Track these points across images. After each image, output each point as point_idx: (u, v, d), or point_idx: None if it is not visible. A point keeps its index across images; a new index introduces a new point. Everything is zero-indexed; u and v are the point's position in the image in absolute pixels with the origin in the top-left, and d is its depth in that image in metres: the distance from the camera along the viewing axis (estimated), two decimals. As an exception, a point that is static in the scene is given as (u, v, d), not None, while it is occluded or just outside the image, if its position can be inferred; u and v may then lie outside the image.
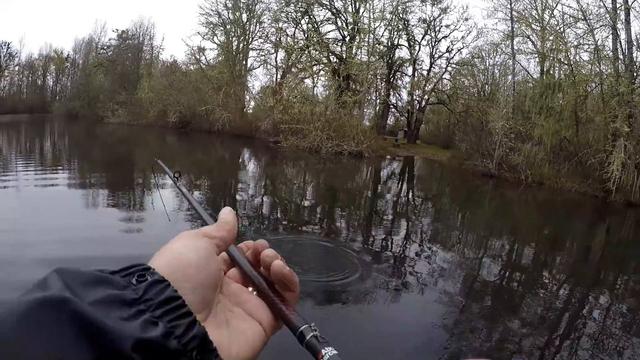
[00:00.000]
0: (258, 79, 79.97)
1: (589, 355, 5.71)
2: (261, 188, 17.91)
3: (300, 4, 45.20)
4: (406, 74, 51.61)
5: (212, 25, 46.04)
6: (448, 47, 48.63)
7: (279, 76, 46.47)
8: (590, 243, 15.04)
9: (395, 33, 48.40)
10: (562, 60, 32.30)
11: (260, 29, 46.69)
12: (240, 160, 27.51)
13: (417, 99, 50.40)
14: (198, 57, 47.28)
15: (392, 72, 49.65)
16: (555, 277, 9.96)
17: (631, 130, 25.36)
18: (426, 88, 49.66)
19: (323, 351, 0.55)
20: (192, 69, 48.46)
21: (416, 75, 50.64)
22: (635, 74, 27.31)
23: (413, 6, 47.43)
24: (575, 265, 11.42)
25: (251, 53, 47.38)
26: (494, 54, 41.94)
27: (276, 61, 47.20)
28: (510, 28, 34.70)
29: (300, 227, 11.59)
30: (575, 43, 31.53)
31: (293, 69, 44.77)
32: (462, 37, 55.62)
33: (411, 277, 8.18)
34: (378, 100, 50.59)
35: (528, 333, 6.24)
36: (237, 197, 15.24)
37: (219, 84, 42.52)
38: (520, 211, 20.55)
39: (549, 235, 15.14)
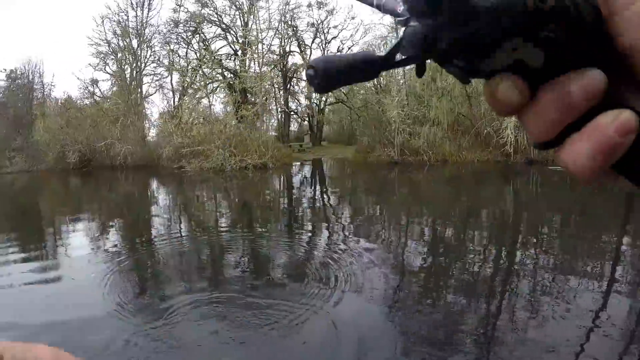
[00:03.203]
0: (155, 105, 77.16)
1: (525, 315, 5.47)
2: (174, 217, 16.38)
3: (189, 23, 44.10)
4: (302, 79, 50.75)
5: (102, 55, 43.78)
6: (338, 46, 48.88)
7: (176, 99, 44.64)
8: (504, 204, 15.55)
9: (286, 40, 48.04)
10: (446, 41, 32.78)
11: (152, 54, 44.75)
12: (146, 192, 25.65)
13: (315, 101, 50.60)
14: (92, 90, 45.16)
15: (288, 79, 49.03)
16: (480, 243, 9.71)
17: (518, 92, 25.98)
18: (323, 90, 49.27)
19: None
20: (88, 103, 45.52)
21: (311, 78, 50.01)
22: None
23: (300, 12, 47.70)
24: (494, 228, 11.47)
25: (145, 79, 45.31)
26: (384, 47, 42.08)
27: (172, 84, 45.25)
28: (393, 20, 34.64)
29: (222, 248, 10.38)
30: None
31: (189, 90, 43.12)
32: (351, 36, 55.82)
33: (343, 274, 7.40)
34: (278, 109, 49.70)
35: (467, 302, 6.08)
36: (153, 232, 13.70)
37: (115, 116, 40.20)
38: (430, 190, 20.34)
39: (464, 206, 15.16)
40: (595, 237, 9.65)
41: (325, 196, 19.62)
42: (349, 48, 48.30)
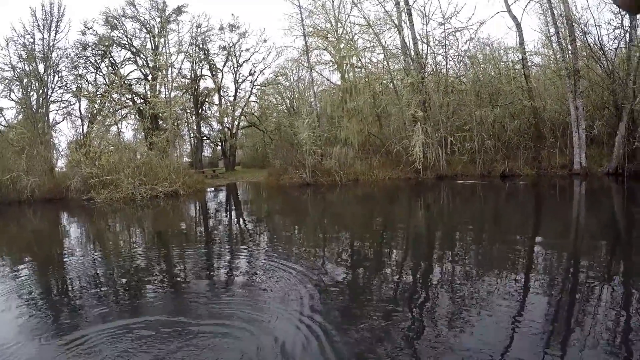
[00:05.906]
0: (64, 134, 72.44)
1: (448, 323, 5.48)
2: (87, 250, 15.21)
3: (98, 46, 42.46)
4: (213, 104, 50.42)
5: (7, 81, 39.92)
6: (250, 70, 48.56)
7: (85, 127, 42.09)
8: (417, 218, 15.83)
9: (197, 64, 47.14)
10: (354, 64, 33.42)
11: (59, 79, 41.74)
12: (57, 227, 23.80)
13: (228, 126, 49.76)
14: (-4, 118, 41.21)
15: (200, 103, 48.02)
16: (398, 256, 9.77)
17: (426, 113, 27.52)
18: (235, 114, 49.27)
19: None
20: (-9, 132, 41.61)
21: (223, 102, 49.86)
22: (423, 65, 29.17)
23: (212, 35, 46.98)
24: (410, 241, 11.58)
25: (52, 106, 41.84)
26: (296, 70, 42.40)
27: (80, 111, 42.75)
28: (304, 43, 35.17)
29: (140, 287, 8.90)
30: (365, 47, 33.74)
31: (99, 117, 41.05)
32: (263, 59, 55.90)
33: (269, 293, 7.12)
34: (191, 134, 48.52)
35: (390, 313, 5.98)
36: (66, 264, 12.73)
37: (21, 147, 36.52)
38: (344, 209, 20.33)
39: (378, 222, 15.26)
40: (508, 243, 9.91)
41: (241, 219, 19.15)
42: (261, 71, 48.22)
